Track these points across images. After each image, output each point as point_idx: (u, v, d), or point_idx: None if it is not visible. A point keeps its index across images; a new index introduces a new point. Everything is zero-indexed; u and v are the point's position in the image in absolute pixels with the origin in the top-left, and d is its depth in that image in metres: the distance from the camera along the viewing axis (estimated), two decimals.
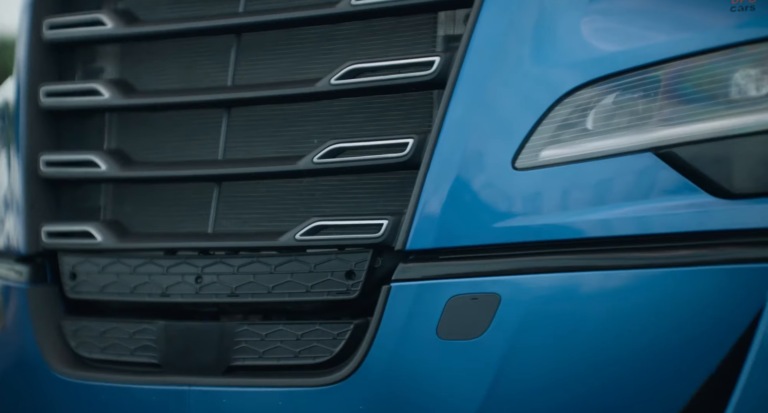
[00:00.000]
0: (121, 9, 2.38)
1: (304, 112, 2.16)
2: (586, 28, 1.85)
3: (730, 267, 1.72)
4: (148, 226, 2.30)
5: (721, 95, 1.78)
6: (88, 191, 2.40)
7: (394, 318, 1.86)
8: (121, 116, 2.39)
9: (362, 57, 2.07)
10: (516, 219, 1.82)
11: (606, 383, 1.77)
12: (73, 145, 2.39)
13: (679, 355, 1.74)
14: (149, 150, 2.33)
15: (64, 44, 2.41)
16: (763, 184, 1.75)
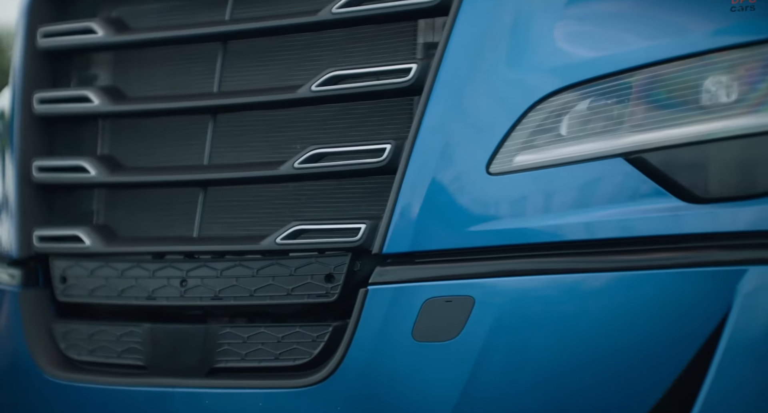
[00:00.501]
0: (113, 17, 2.43)
1: (290, 118, 2.22)
2: (559, 35, 1.90)
3: (698, 270, 1.77)
4: (140, 231, 2.36)
5: (691, 102, 1.83)
6: (81, 196, 2.46)
7: (371, 320, 1.91)
8: (114, 122, 2.45)
9: (347, 64, 2.12)
10: (489, 223, 1.87)
11: (577, 384, 1.81)
12: (68, 151, 2.45)
13: (649, 356, 1.78)
14: (141, 156, 2.39)
15: (57, 52, 2.47)
16: (730, 189, 1.79)
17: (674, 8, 1.90)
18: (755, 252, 1.77)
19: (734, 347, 1.73)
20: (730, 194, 1.79)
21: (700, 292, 1.77)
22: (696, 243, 1.78)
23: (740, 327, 1.74)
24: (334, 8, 2.06)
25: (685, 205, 1.80)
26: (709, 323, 1.75)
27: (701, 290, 1.77)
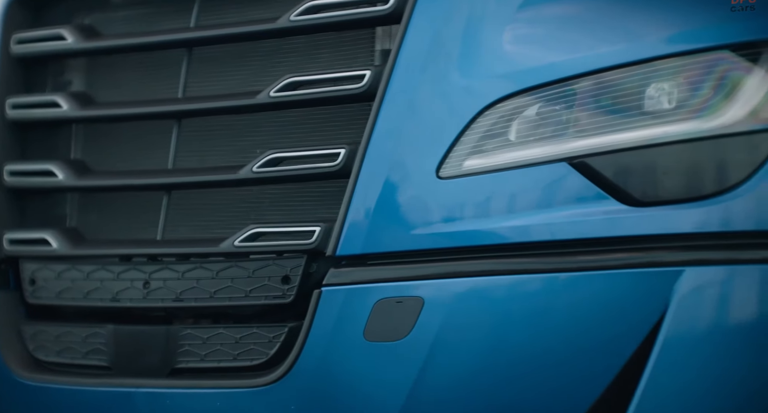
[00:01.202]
0: (84, 24, 2.51)
1: (254, 124, 2.29)
2: (508, 43, 1.97)
3: (637, 271, 1.84)
4: (111, 234, 2.43)
5: (633, 108, 1.91)
6: (54, 200, 2.53)
7: (324, 321, 1.99)
8: (87, 127, 2.52)
9: (310, 69, 2.19)
10: (439, 226, 1.94)
11: (521, 382, 1.89)
12: (42, 156, 2.52)
13: (591, 354, 1.86)
14: (113, 160, 2.46)
15: (31, 58, 2.55)
16: (668, 193, 1.87)
17: (622, 15, 1.98)
18: (692, 254, 1.85)
19: (670, 345, 1.82)
20: (668, 198, 1.87)
21: (639, 292, 1.85)
22: (635, 245, 1.86)
23: (676, 326, 1.82)
24: (292, 16, 2.14)
25: (626, 208, 1.87)
26: (647, 322, 1.83)
27: (640, 290, 1.85)
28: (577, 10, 2.00)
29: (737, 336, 1.84)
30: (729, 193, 1.86)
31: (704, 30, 1.94)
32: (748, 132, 1.88)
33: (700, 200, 1.87)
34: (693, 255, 1.85)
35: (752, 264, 1.85)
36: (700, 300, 1.84)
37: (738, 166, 1.88)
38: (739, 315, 1.85)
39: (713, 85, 1.91)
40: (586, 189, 1.90)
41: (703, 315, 1.84)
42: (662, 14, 1.97)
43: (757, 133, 1.88)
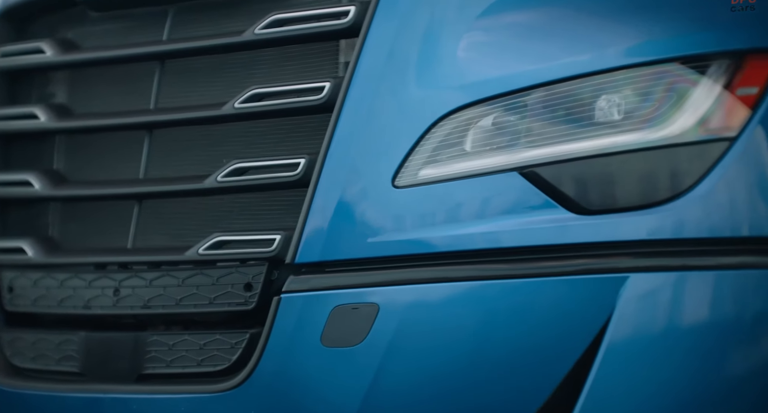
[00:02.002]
0: (64, 38, 2.59)
1: (227, 134, 2.37)
2: (462, 56, 2.05)
3: (583, 278, 1.92)
4: (91, 242, 2.51)
5: (582, 119, 1.99)
6: (37, 209, 2.61)
7: (283, 327, 2.06)
8: (69, 138, 2.60)
9: (280, 81, 2.26)
10: (394, 234, 2.02)
11: (473, 386, 1.96)
12: (27, 166, 2.60)
13: (537, 360, 1.93)
14: (95, 170, 2.54)
15: (14, 71, 2.63)
16: (614, 201, 1.94)
17: (576, 27, 2.05)
18: (636, 261, 1.92)
19: (613, 350, 1.89)
20: (614, 206, 1.94)
21: (585, 298, 1.92)
22: (582, 253, 1.93)
23: (619, 332, 1.90)
24: (257, 29, 2.22)
25: (573, 216, 1.94)
26: (593, 327, 1.90)
27: (586, 296, 1.92)
28: (532, 23, 2.07)
29: (679, 341, 1.90)
30: (673, 202, 1.93)
31: (655, 43, 2.00)
32: (694, 142, 1.95)
33: (645, 208, 1.94)
34: (637, 262, 1.92)
35: (694, 270, 1.91)
36: (644, 306, 1.91)
37: (682, 176, 1.94)
38: (681, 321, 1.92)
39: (662, 97, 1.98)
40: (535, 198, 1.97)
41: (646, 320, 1.91)
42: (616, 27, 2.04)
43: (701, 143, 1.95)
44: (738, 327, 1.92)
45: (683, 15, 2.04)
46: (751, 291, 1.93)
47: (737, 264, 1.93)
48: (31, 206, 2.60)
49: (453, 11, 2.08)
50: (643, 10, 2.06)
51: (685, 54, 1.99)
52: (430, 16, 2.09)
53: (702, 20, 2.02)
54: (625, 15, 2.06)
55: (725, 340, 1.91)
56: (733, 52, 1.98)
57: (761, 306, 1.92)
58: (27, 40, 2.61)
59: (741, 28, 2.02)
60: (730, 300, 1.93)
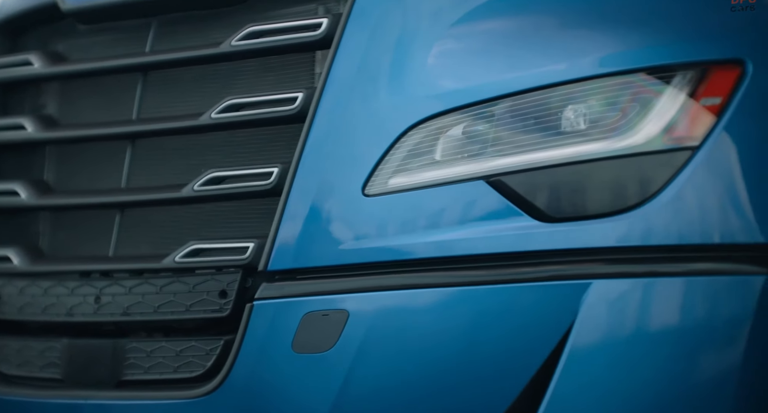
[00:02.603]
0: (53, 50, 2.64)
1: (209, 144, 2.41)
2: (432, 66, 2.09)
3: (547, 284, 1.95)
4: (79, 250, 2.55)
5: (548, 128, 2.02)
6: (29, 218, 2.65)
7: (255, 333, 2.10)
8: (59, 148, 2.64)
9: (260, 91, 2.30)
10: (364, 241, 2.05)
11: (439, 392, 1.99)
12: (19, 176, 2.64)
13: (502, 365, 1.96)
14: (84, 180, 2.58)
15: (3, 83, 2.68)
16: (577, 209, 1.98)
17: (544, 39, 2.09)
18: (598, 267, 1.95)
19: (576, 354, 1.92)
20: (577, 214, 1.97)
21: (549, 304, 1.95)
22: (546, 260, 1.96)
23: (582, 337, 1.93)
24: (233, 41, 2.26)
25: (538, 224, 1.98)
26: (556, 333, 1.93)
27: (550, 302, 1.95)
28: (500, 33, 2.10)
29: (641, 346, 1.94)
30: (635, 210, 1.97)
31: (621, 54, 2.04)
32: (657, 151, 1.98)
33: (607, 216, 1.97)
34: (599, 269, 1.95)
35: (656, 277, 1.94)
36: (606, 312, 1.94)
37: (645, 184, 1.98)
38: (642, 327, 1.95)
39: (627, 107, 2.01)
40: (501, 206, 2.00)
41: (608, 326, 1.94)
42: (584, 38, 2.07)
43: (665, 152, 1.98)
44: (701, 333, 1.95)
45: (650, 27, 2.08)
46: (712, 298, 1.96)
47: (699, 271, 1.96)
48: (21, 215, 2.64)
49: (423, 23, 2.12)
50: (611, 22, 2.09)
51: (650, 65, 2.03)
52: (401, 27, 2.13)
53: (668, 32, 2.06)
54: (593, 27, 2.09)
55: (687, 346, 1.94)
56: (698, 63, 2.01)
57: (723, 313, 1.95)
58: (20, 52, 2.66)
59: (706, 40, 2.05)
60: (690, 306, 1.96)
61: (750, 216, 1.98)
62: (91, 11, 2.55)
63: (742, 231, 1.97)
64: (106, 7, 2.52)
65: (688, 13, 2.09)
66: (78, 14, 2.57)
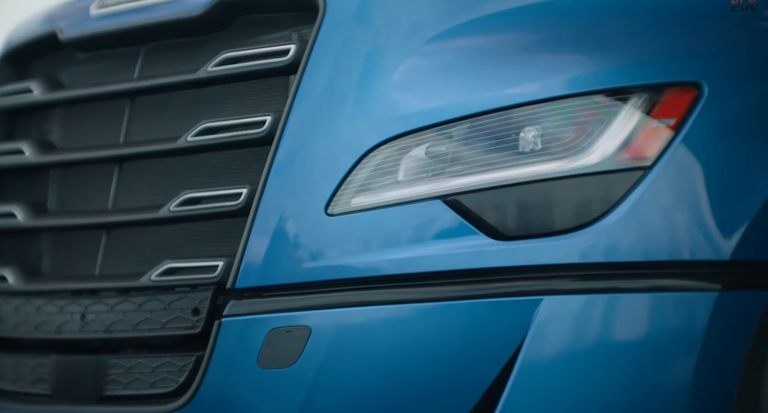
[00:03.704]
0: (53, 78, 2.69)
1: (194, 166, 2.43)
2: (393, 90, 2.12)
3: (499, 301, 1.95)
4: (76, 270, 2.58)
5: (504, 149, 2.03)
6: (31, 238, 2.69)
7: (223, 350, 2.11)
8: (61, 171, 2.68)
9: (243, 114, 2.33)
10: (326, 260, 2.06)
11: (395, 405, 1.99)
12: (21, 200, 2.69)
13: (457, 379, 1.97)
14: (83, 202, 2.62)
15: (8, 110, 2.73)
16: (530, 227, 1.97)
17: (504, 62, 2.09)
18: (549, 284, 1.94)
19: (526, 369, 1.92)
20: (530, 232, 1.97)
21: (501, 320, 1.95)
22: (498, 277, 1.96)
23: (532, 352, 1.93)
24: (209, 67, 2.30)
25: (492, 242, 1.98)
26: (508, 348, 1.93)
27: (502, 318, 1.96)
28: (461, 57, 2.12)
29: (589, 362, 1.92)
30: (586, 229, 1.96)
31: (578, 76, 2.04)
32: (609, 171, 1.98)
33: (559, 234, 1.97)
34: (550, 285, 1.95)
35: (605, 293, 1.93)
36: (556, 328, 1.93)
37: (597, 204, 1.97)
38: (591, 343, 1.93)
39: (582, 128, 2.01)
40: (458, 224, 2.01)
41: (558, 341, 1.94)
42: (542, 61, 2.08)
43: (617, 172, 1.98)
44: (650, 349, 1.93)
45: (610, 49, 2.08)
46: (662, 314, 1.94)
47: (650, 288, 1.95)
48: (24, 236, 2.68)
49: (385, 48, 2.14)
50: (572, 45, 2.10)
51: (607, 87, 2.03)
52: (364, 52, 2.14)
53: (627, 55, 2.06)
54: (553, 50, 2.10)
55: (636, 362, 1.93)
56: (654, 86, 2.01)
57: (673, 329, 1.94)
58: (27, 80, 2.71)
59: (664, 63, 2.05)
60: (641, 322, 1.94)
61: (700, 235, 1.96)
62: (86, 40, 2.60)
63: (692, 249, 1.96)
64: (99, 36, 2.56)
65: (648, 37, 2.09)
66: (75, 43, 2.62)
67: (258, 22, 2.36)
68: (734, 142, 2.02)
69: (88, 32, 2.58)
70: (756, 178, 2.00)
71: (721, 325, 1.94)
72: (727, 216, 1.98)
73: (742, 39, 2.09)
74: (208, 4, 2.35)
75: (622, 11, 2.13)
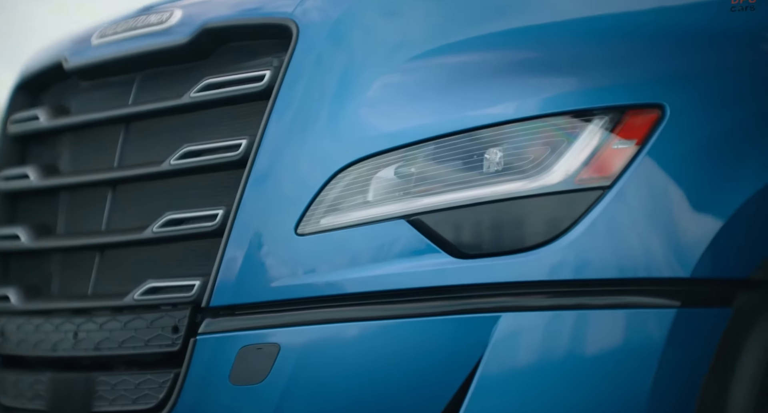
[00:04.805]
0: (59, 105, 2.71)
1: (185, 187, 2.42)
2: (360, 114, 2.12)
3: (458, 317, 1.93)
4: (78, 290, 2.59)
5: (467, 169, 2.01)
6: (40, 259, 2.71)
7: (198, 366, 2.11)
8: (70, 194, 2.70)
9: (231, 137, 2.33)
10: (295, 278, 2.06)
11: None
12: (32, 222, 2.71)
13: (419, 395, 1.95)
14: (86, 224, 2.63)
15: (19, 136, 2.77)
16: (490, 246, 1.95)
17: (470, 84, 2.07)
18: (507, 301, 1.92)
19: (484, 384, 1.90)
20: (491, 250, 1.94)
21: (460, 337, 1.94)
22: (459, 294, 1.94)
23: (490, 368, 1.91)
24: (192, 93, 2.30)
25: (453, 260, 1.96)
26: (467, 364, 1.91)
27: (461, 335, 1.94)
28: (427, 81, 2.11)
29: (546, 377, 1.89)
30: (545, 247, 1.94)
31: (542, 99, 2.03)
32: (569, 191, 1.95)
33: (518, 252, 1.94)
34: (508, 302, 1.92)
35: (562, 310, 1.91)
36: (514, 344, 1.91)
37: (556, 223, 1.95)
38: (548, 358, 1.90)
39: (543, 149, 1.99)
40: (420, 243, 1.99)
41: (516, 357, 1.91)
42: (508, 84, 2.07)
43: (576, 192, 1.95)
44: (608, 366, 1.90)
45: (575, 72, 2.06)
46: (619, 331, 1.91)
47: (607, 305, 1.91)
48: (31, 256, 2.70)
49: (353, 73, 2.14)
50: (539, 68, 2.08)
51: (569, 109, 2.00)
52: (334, 77, 2.14)
53: (592, 77, 2.04)
54: (518, 72, 2.09)
55: (594, 379, 1.89)
56: (616, 108, 1.98)
57: (631, 346, 1.90)
58: (38, 108, 2.74)
59: (628, 85, 2.02)
60: (598, 339, 1.91)
61: (657, 253, 1.93)
62: (87, 69, 2.62)
63: (651, 266, 1.92)
64: (98, 65, 2.59)
65: (614, 60, 2.07)
66: (78, 72, 2.64)
67: (242, 50, 2.36)
68: (696, 162, 1.98)
69: (89, 61, 2.60)
70: (717, 197, 1.96)
71: (681, 342, 1.90)
72: (688, 234, 1.94)
73: (707, 62, 2.07)
74: (194, 32, 2.36)
75: (590, 36, 2.12)
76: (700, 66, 2.05)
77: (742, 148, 2.01)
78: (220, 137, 2.30)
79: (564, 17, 2.14)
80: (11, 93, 2.91)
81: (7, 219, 2.74)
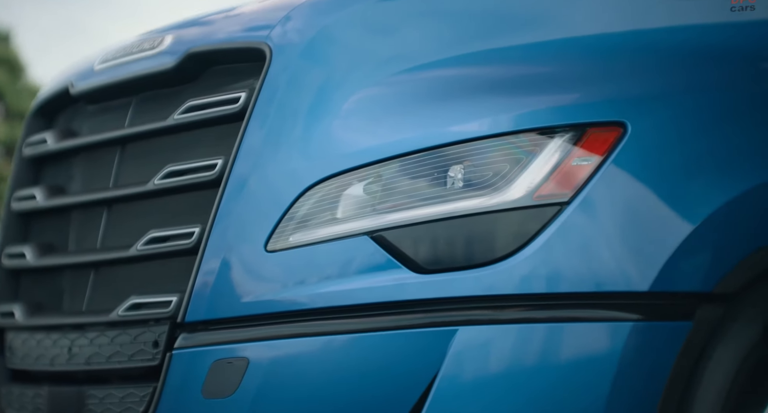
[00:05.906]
0: (67, 128, 2.73)
1: (177, 206, 2.42)
2: (329, 134, 2.09)
3: (416, 331, 1.90)
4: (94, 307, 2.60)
5: (430, 186, 1.98)
6: (52, 276, 2.72)
7: (174, 380, 2.10)
8: (77, 213, 2.72)
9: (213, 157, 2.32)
10: (264, 294, 2.04)
11: None
12: (44, 240, 2.73)
13: (380, 406, 1.90)
14: (90, 242, 2.64)
15: (33, 159, 2.79)
16: (449, 261, 1.92)
17: (435, 102, 2.04)
18: (464, 315, 1.88)
19: (441, 395, 1.86)
20: (450, 265, 1.91)
21: (418, 350, 1.90)
22: (418, 308, 1.91)
23: (447, 381, 1.87)
24: (176, 115, 2.30)
25: (413, 275, 1.93)
26: (425, 377, 1.87)
27: (419, 348, 1.90)
28: (394, 101, 2.08)
29: (504, 390, 1.85)
30: (503, 262, 1.90)
31: (505, 116, 1.99)
32: (527, 207, 1.91)
33: (476, 267, 1.91)
34: (465, 316, 1.89)
35: (519, 323, 1.87)
36: (471, 357, 1.87)
37: (514, 238, 1.92)
38: (506, 372, 1.87)
39: (504, 166, 1.96)
40: (382, 259, 1.96)
41: (473, 370, 1.88)
42: (472, 103, 2.04)
43: (534, 208, 1.91)
44: (566, 379, 1.85)
45: (539, 90, 2.03)
46: (577, 344, 1.86)
47: (565, 318, 1.87)
48: (45, 274, 2.71)
49: (323, 95, 2.12)
50: (501, 87, 2.06)
51: (531, 126, 1.97)
52: (304, 99, 2.13)
53: (554, 95, 2.01)
54: (481, 93, 2.06)
55: (551, 392, 1.84)
56: (576, 125, 1.95)
57: (588, 359, 1.85)
58: (48, 131, 2.77)
59: (590, 103, 1.99)
60: (555, 352, 1.86)
61: (615, 267, 1.88)
62: (89, 93, 2.64)
63: (607, 281, 1.87)
64: (98, 89, 2.60)
65: (578, 79, 2.04)
66: (82, 96, 2.66)
67: (228, 72, 2.35)
68: (657, 179, 1.93)
69: (91, 86, 2.62)
70: (676, 213, 1.91)
71: (638, 355, 1.85)
72: (648, 248, 1.89)
73: (670, 80, 2.02)
74: (180, 57, 2.36)
75: (557, 56, 2.08)
76: (663, 85, 2.01)
77: (704, 164, 1.96)
78: (203, 157, 2.30)
79: (533, 39, 2.11)
80: (28, 117, 2.94)
81: (20, 238, 2.76)
